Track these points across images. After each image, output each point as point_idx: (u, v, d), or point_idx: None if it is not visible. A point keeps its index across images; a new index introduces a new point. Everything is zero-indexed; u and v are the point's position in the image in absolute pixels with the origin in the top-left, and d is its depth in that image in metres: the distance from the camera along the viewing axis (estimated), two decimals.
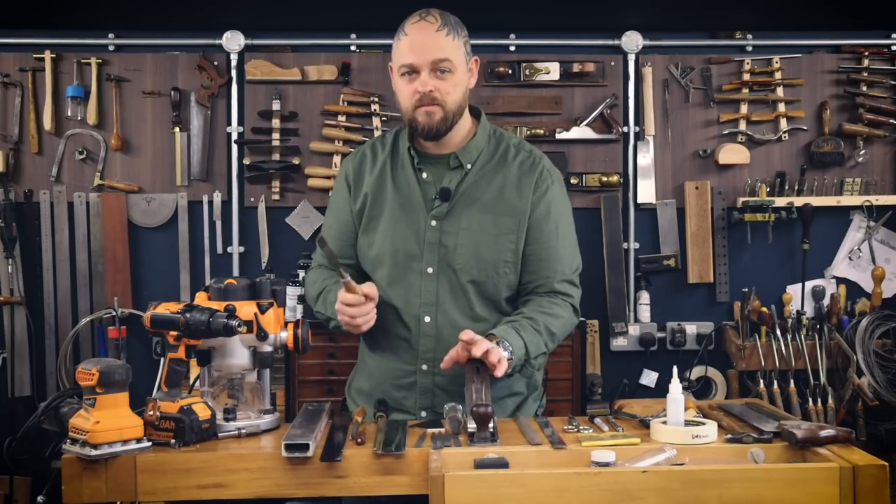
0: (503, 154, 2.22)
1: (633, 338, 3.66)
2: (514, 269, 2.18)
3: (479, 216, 2.14)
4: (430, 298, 2.14)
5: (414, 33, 2.10)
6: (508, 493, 1.62)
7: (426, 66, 2.08)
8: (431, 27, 2.09)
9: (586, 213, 3.70)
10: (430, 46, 2.08)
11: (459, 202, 2.16)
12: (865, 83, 3.69)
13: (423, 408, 2.17)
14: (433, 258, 2.14)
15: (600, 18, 3.64)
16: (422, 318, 2.15)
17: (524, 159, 2.21)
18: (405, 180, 2.19)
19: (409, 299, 2.15)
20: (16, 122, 3.62)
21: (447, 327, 2.13)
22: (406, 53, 2.09)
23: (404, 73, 2.11)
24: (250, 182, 3.65)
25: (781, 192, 3.65)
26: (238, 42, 3.61)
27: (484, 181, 2.17)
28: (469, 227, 2.14)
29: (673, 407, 1.89)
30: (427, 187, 2.18)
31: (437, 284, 2.14)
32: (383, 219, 2.18)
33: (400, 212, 2.17)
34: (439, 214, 2.15)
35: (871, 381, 3.41)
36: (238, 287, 1.96)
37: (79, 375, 1.78)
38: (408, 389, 2.18)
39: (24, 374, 3.60)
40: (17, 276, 3.59)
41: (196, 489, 1.77)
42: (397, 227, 2.16)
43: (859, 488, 1.65)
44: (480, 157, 2.20)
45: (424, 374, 2.16)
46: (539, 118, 3.69)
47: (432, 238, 2.14)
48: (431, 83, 2.08)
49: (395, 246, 2.16)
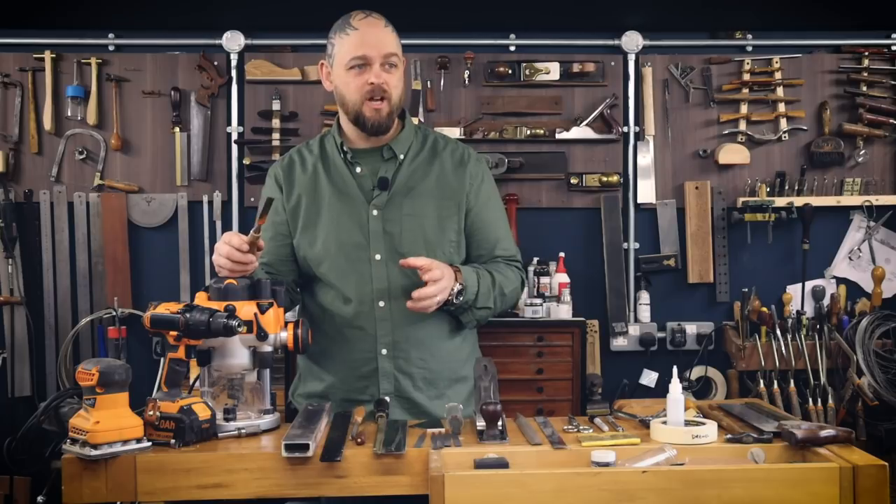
0: (433, 146, 2.31)
1: (633, 338, 3.66)
2: (457, 249, 2.26)
3: (421, 202, 2.23)
4: (381, 284, 2.20)
5: (365, 28, 2.17)
6: (508, 493, 1.62)
7: (378, 59, 2.16)
8: (379, 23, 2.19)
9: (586, 213, 3.71)
10: (381, 40, 2.17)
11: (398, 191, 2.23)
12: (865, 83, 3.69)
13: (385, 393, 2.20)
14: (379, 246, 2.20)
15: (600, 18, 3.64)
16: (376, 304, 2.19)
17: (454, 149, 2.32)
18: (339, 176, 2.26)
19: (362, 287, 2.20)
20: (16, 122, 3.62)
21: (401, 310, 2.18)
22: (358, 47, 2.16)
23: (354, 66, 2.17)
24: (250, 182, 3.65)
25: (781, 192, 3.65)
26: (238, 42, 3.61)
27: (420, 171, 2.27)
28: (412, 213, 2.21)
29: (673, 407, 1.89)
30: (363, 180, 2.25)
31: (386, 270, 2.20)
32: (323, 215, 2.24)
33: (340, 206, 2.23)
34: (380, 204, 2.22)
35: (871, 381, 3.41)
36: (238, 287, 1.96)
37: (79, 375, 1.78)
38: (368, 378, 2.21)
39: (24, 374, 3.61)
40: (17, 276, 3.60)
41: (196, 489, 1.77)
42: (340, 221, 2.22)
43: (859, 488, 1.64)
44: (411, 149, 2.29)
45: (385, 358, 2.20)
46: (539, 118, 3.69)
47: (376, 227, 2.21)
48: (383, 76, 2.16)
49: (341, 239, 2.21)
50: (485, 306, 2.20)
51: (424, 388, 2.22)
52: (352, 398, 2.21)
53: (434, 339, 2.22)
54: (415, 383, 2.21)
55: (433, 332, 2.22)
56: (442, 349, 2.23)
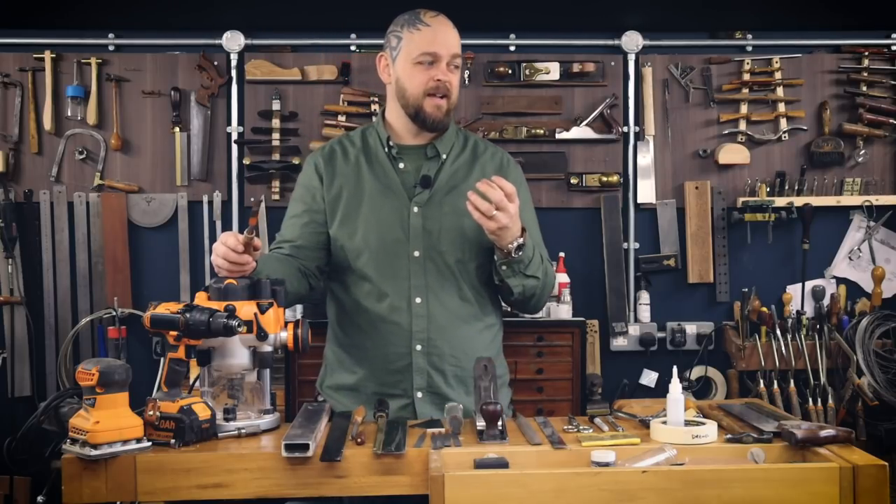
0: (473, 148, 2.34)
1: (633, 338, 3.66)
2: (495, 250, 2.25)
3: (462, 201, 2.20)
4: (419, 281, 2.21)
5: (437, 26, 2.21)
6: (508, 493, 1.62)
7: (446, 57, 2.19)
8: (449, 23, 2.24)
9: (586, 213, 3.71)
10: (450, 40, 2.21)
11: (439, 190, 2.25)
12: (865, 83, 3.69)
13: (418, 389, 2.21)
14: (419, 243, 2.22)
15: (600, 18, 3.64)
16: (413, 300, 2.21)
17: (494, 153, 2.36)
18: (382, 171, 2.27)
19: (399, 283, 2.21)
20: (16, 122, 3.62)
21: (437, 307, 2.21)
22: (429, 43, 2.19)
23: (422, 61, 2.19)
24: (250, 182, 3.65)
25: (781, 192, 3.65)
26: (238, 42, 3.62)
27: (462, 171, 2.29)
28: (452, 212, 2.22)
29: (673, 407, 1.89)
30: (405, 176, 2.27)
31: (424, 267, 2.21)
32: (364, 208, 2.24)
33: (382, 200, 2.24)
34: (421, 201, 2.24)
35: (871, 381, 3.41)
36: (238, 287, 1.96)
37: (79, 375, 1.78)
38: (402, 373, 2.22)
39: (24, 374, 3.61)
40: (17, 276, 3.60)
41: (196, 489, 1.77)
42: (381, 215, 2.23)
43: (859, 488, 1.64)
44: (453, 149, 2.31)
45: (419, 354, 2.21)
46: (539, 118, 3.69)
47: (416, 224, 2.22)
48: (448, 75, 2.20)
49: (381, 233, 2.22)
50: (533, 275, 2.19)
51: (455, 385, 2.23)
52: (384, 392, 2.22)
53: (466, 337, 2.24)
54: (447, 380, 2.22)
55: (466, 331, 2.24)
56: (473, 347, 2.24)
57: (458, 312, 2.22)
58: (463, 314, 2.22)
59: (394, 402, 2.19)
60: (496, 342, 2.34)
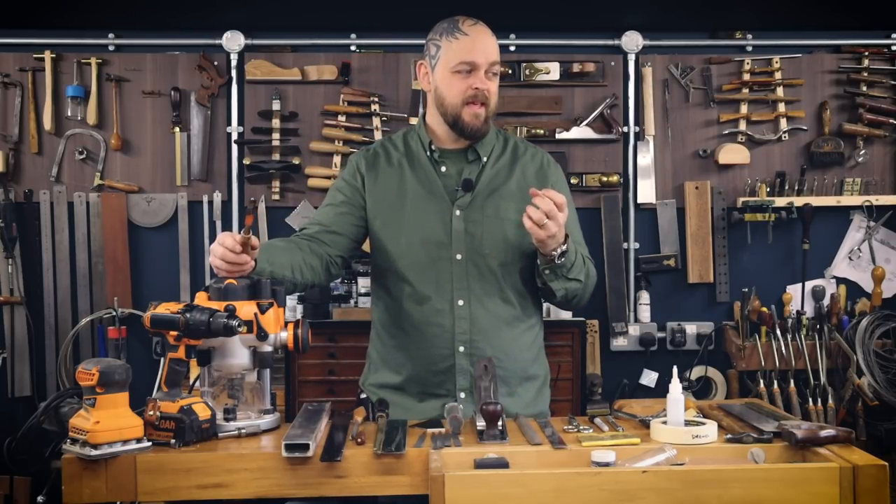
0: (513, 150, 2.35)
1: (633, 338, 3.67)
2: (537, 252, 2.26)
3: (504, 204, 2.26)
4: (461, 283, 2.23)
5: (475, 34, 2.22)
6: (508, 493, 1.62)
7: (485, 65, 2.20)
8: (488, 31, 2.25)
9: (586, 213, 3.70)
10: (489, 48, 2.22)
11: (480, 192, 2.27)
12: (865, 83, 3.69)
13: (461, 389, 2.23)
14: (461, 245, 2.24)
15: (600, 18, 3.64)
16: (455, 302, 2.23)
17: (534, 154, 2.36)
18: (425, 174, 2.29)
19: (441, 285, 2.24)
20: (16, 122, 3.62)
21: (480, 309, 2.23)
22: (468, 52, 2.20)
23: (461, 70, 2.20)
24: (250, 182, 3.65)
25: (781, 192, 3.65)
26: (238, 42, 3.62)
27: (502, 173, 2.30)
28: (495, 215, 2.25)
29: (673, 407, 1.89)
30: (447, 180, 2.29)
31: (466, 270, 2.23)
32: (407, 211, 2.27)
33: (425, 204, 2.27)
34: (463, 204, 2.25)
35: (871, 381, 3.41)
36: (238, 287, 1.96)
37: (79, 375, 1.78)
38: (445, 374, 2.25)
39: (24, 374, 3.61)
40: (17, 276, 3.60)
41: (196, 489, 1.77)
42: (425, 218, 2.25)
43: (859, 488, 1.64)
44: (493, 152, 2.32)
45: (462, 355, 2.23)
46: (539, 118, 3.69)
47: (458, 227, 2.24)
48: (486, 83, 2.21)
49: (424, 236, 2.24)
50: (576, 278, 2.21)
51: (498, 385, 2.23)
52: (428, 392, 2.24)
53: (508, 339, 2.25)
54: None
55: (508, 333, 2.26)
56: (514, 348, 2.26)
57: (500, 314, 2.24)
58: (505, 316, 2.25)
59: (438, 401, 2.22)
60: (537, 342, 2.36)
